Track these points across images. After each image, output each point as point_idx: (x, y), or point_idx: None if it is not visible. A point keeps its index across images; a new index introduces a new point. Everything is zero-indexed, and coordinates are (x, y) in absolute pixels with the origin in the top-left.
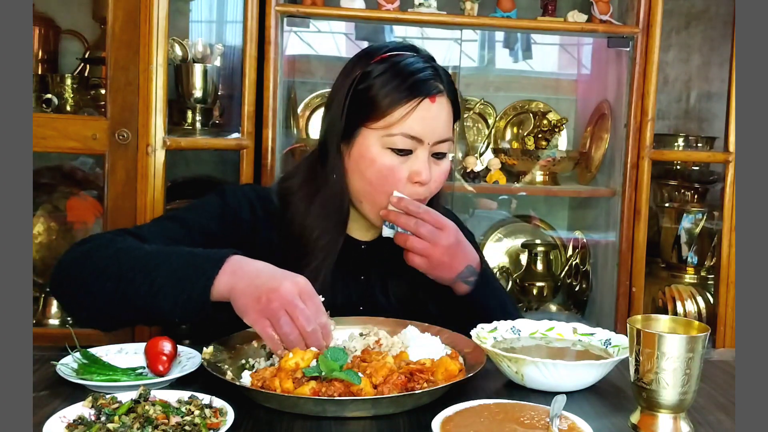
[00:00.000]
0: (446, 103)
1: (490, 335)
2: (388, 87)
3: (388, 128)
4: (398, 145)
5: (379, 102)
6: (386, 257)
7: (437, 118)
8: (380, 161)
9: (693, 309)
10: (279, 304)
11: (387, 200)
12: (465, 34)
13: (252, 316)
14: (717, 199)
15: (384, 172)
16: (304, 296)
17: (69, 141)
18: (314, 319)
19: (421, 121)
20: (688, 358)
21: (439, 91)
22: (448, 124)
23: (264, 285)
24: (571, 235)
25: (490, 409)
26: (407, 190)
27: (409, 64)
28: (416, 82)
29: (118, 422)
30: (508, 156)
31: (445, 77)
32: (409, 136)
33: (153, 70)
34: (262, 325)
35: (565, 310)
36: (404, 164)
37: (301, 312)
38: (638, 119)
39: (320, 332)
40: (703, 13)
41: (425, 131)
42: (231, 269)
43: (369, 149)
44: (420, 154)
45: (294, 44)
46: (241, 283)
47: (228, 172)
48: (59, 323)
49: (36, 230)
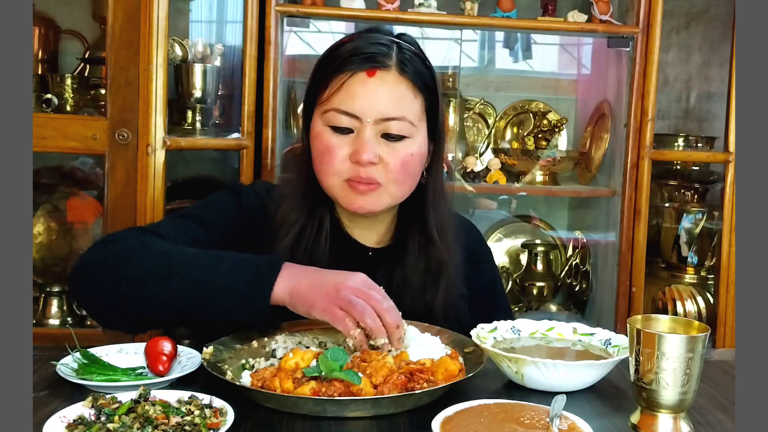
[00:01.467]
0: (395, 79)
1: (490, 335)
2: (326, 63)
3: (325, 103)
4: (333, 121)
5: (317, 77)
6: (394, 264)
7: (377, 93)
8: (320, 139)
9: (693, 309)
10: (347, 292)
11: (331, 182)
12: (465, 34)
13: (321, 306)
14: (717, 199)
15: (322, 150)
16: (368, 284)
17: (69, 141)
18: (387, 298)
19: (355, 95)
20: (688, 358)
21: (381, 66)
22: (400, 103)
23: (330, 281)
24: (571, 235)
25: (490, 409)
26: (348, 170)
27: (355, 41)
28: (352, 56)
29: (118, 422)
30: (508, 156)
31: (401, 56)
32: (342, 111)
33: (153, 70)
34: (332, 311)
35: (565, 310)
36: (344, 143)
37: (371, 295)
38: (638, 119)
39: (395, 310)
40: (703, 13)
41: (361, 107)
42: (288, 273)
43: (314, 128)
44: (362, 133)
45: (294, 44)
46: (302, 284)
47: (228, 172)
48: (59, 323)
49: (36, 230)
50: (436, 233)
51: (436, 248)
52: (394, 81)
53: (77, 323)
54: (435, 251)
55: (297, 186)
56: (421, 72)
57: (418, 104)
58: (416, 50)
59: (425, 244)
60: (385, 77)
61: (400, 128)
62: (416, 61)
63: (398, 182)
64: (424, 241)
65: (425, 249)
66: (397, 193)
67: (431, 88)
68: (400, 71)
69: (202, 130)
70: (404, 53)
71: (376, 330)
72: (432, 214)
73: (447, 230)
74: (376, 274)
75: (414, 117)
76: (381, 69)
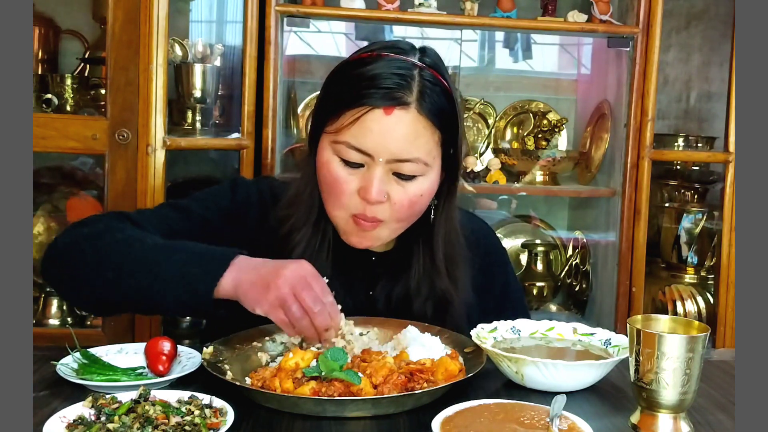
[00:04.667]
0: (413, 119)
1: (490, 335)
2: (341, 88)
3: (336, 134)
4: (343, 154)
5: (330, 104)
6: (396, 277)
7: (393, 133)
8: (328, 169)
9: (693, 309)
10: (288, 289)
11: (337, 214)
12: (465, 34)
13: (264, 307)
14: (717, 199)
15: (330, 181)
16: (308, 278)
17: (69, 141)
18: (321, 299)
19: (369, 133)
20: (688, 358)
21: (400, 104)
22: (415, 143)
23: (269, 273)
24: (571, 235)
25: (490, 409)
26: (355, 206)
27: (375, 67)
28: (370, 87)
29: (118, 422)
30: (508, 156)
31: (423, 88)
32: (354, 147)
33: (153, 70)
34: (276, 314)
35: (565, 310)
36: (353, 177)
37: (308, 293)
38: (638, 119)
39: (327, 311)
40: (703, 13)
41: (375, 146)
42: (237, 267)
43: (322, 153)
44: (372, 170)
45: (294, 44)
46: (246, 277)
47: (228, 172)
48: (59, 323)
49: (36, 230)
50: (444, 268)
51: (443, 282)
52: (412, 120)
53: (77, 323)
54: (441, 284)
55: (301, 200)
56: (440, 106)
57: (434, 141)
58: (439, 76)
59: (431, 272)
60: (402, 116)
61: (413, 169)
62: (437, 91)
63: (401, 220)
64: (431, 270)
65: (430, 279)
66: (398, 228)
67: (450, 121)
68: (419, 108)
69: (202, 130)
70: (425, 82)
71: (310, 339)
72: (442, 248)
73: (457, 264)
74: (378, 284)
75: (428, 156)
76: (399, 107)
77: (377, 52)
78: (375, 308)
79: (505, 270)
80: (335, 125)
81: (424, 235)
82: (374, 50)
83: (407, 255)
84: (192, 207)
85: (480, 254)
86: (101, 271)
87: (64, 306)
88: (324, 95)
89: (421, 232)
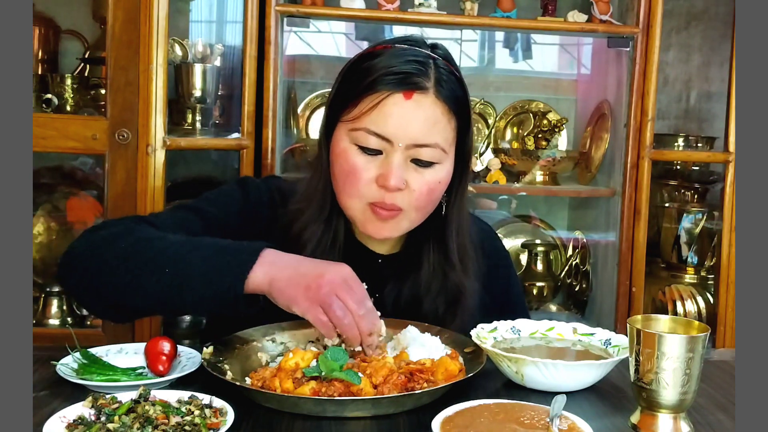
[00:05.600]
0: (432, 103)
1: (490, 335)
2: (358, 76)
3: (354, 121)
4: (362, 141)
5: (348, 91)
6: (405, 276)
7: (413, 117)
8: (345, 158)
9: (693, 309)
10: (329, 290)
11: (353, 204)
12: (465, 34)
13: (304, 305)
14: (717, 199)
15: (347, 170)
16: (350, 282)
17: (69, 141)
18: (364, 303)
19: (389, 118)
20: (688, 358)
21: (419, 88)
22: (434, 128)
23: (309, 273)
24: (571, 235)
25: (490, 409)
26: (373, 194)
27: (392, 55)
28: (389, 73)
29: (118, 422)
30: (508, 156)
31: (439, 75)
32: (373, 132)
33: (153, 70)
34: (315, 313)
35: (565, 310)
36: (371, 164)
37: (351, 296)
38: (638, 119)
39: (371, 316)
40: (703, 13)
41: (395, 131)
42: (268, 261)
43: (338, 143)
44: (391, 156)
45: (294, 44)
46: (282, 274)
47: (228, 172)
48: (59, 323)
49: (36, 230)
50: (457, 259)
51: (456, 274)
52: (431, 105)
53: (77, 323)
54: (455, 277)
55: (313, 196)
56: (456, 93)
57: (451, 128)
58: (452, 67)
59: (444, 265)
60: (421, 101)
61: (432, 155)
62: (452, 80)
63: (420, 209)
64: (444, 264)
65: (443, 272)
66: (417, 218)
67: (465, 110)
68: (437, 94)
69: (202, 130)
70: (441, 72)
71: (352, 339)
72: (455, 240)
73: (468, 253)
74: (386, 286)
75: (446, 142)
76: (418, 91)
77: (391, 45)
78: (383, 311)
79: (508, 273)
80: (353, 112)
81: (435, 231)
82: (388, 43)
83: (416, 255)
84: (207, 208)
85: (484, 255)
86: (122, 273)
87: (64, 306)
88: (340, 85)
89: (431, 229)
